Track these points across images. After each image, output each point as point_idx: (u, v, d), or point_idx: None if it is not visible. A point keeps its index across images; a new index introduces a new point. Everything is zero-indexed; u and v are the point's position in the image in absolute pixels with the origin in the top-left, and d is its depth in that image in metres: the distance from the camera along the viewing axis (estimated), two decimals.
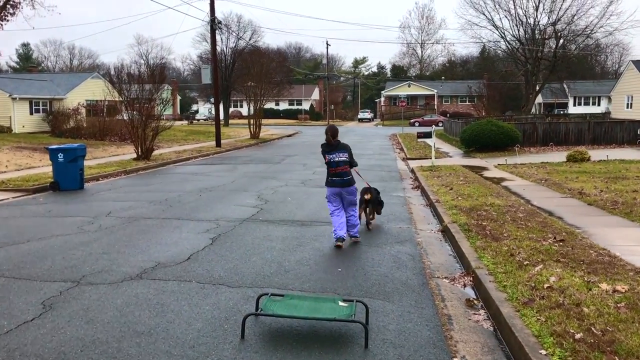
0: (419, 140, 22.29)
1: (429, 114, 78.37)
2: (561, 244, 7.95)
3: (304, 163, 23.25)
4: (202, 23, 76.61)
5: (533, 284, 6.00)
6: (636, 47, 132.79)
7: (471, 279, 6.90)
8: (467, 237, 8.75)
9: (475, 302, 6.15)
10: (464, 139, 28.66)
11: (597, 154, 23.38)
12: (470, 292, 6.59)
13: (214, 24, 32.35)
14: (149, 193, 14.45)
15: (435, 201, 12.65)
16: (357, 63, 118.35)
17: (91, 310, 5.65)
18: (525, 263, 6.91)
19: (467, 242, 8.37)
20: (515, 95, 66.23)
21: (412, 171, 20.60)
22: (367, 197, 9.83)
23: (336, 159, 8.63)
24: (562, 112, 70.06)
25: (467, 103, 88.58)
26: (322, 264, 7.49)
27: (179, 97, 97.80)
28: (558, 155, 25.12)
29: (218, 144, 32.61)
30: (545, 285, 5.90)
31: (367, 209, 9.96)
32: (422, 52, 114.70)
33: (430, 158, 26.14)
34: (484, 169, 20.86)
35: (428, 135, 21.33)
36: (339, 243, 8.54)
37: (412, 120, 71.19)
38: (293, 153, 28.80)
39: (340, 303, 5.20)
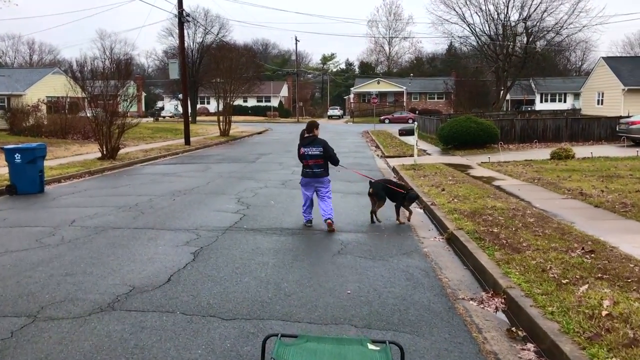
0: (401, 137, 21.36)
1: (398, 110, 77.83)
2: (592, 255, 7.06)
3: (280, 162, 22.13)
4: (169, 16, 74.57)
5: (587, 311, 5.05)
6: (599, 44, 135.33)
7: (502, 300, 5.94)
8: (482, 247, 7.80)
9: (518, 332, 5.18)
10: (442, 135, 27.91)
11: (578, 151, 22.84)
12: (504, 317, 5.64)
13: (182, 17, 30.91)
14: (116, 197, 13.16)
15: (431, 204, 11.72)
16: (325, 59, 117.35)
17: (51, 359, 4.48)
18: (563, 281, 5.99)
19: (485, 254, 7.43)
20: (483, 92, 66.20)
21: (394, 170, 19.71)
22: (370, 191, 10.40)
23: (309, 153, 9.50)
24: (530, 109, 70.29)
25: (436, 100, 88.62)
26: (326, 284, 6.43)
27: (144, 94, 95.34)
28: (539, 153, 24.55)
29: (187, 142, 31.22)
30: (603, 313, 4.96)
31: (376, 202, 10.38)
32: (389, 49, 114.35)
33: (409, 156, 25.36)
34: (468, 167, 20.09)
35: (410, 132, 20.45)
36: (308, 224, 9.81)
37: (382, 117, 70.56)
38: (267, 151, 27.62)
39: (370, 346, 4.15)
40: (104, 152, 22.43)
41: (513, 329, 5.26)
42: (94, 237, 8.79)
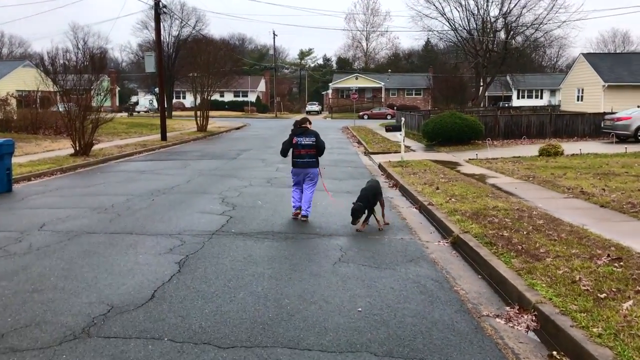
0: (388, 133, 20.70)
1: (377, 106, 77.33)
2: (620, 263, 6.43)
3: (263, 158, 21.30)
4: (144, 8, 72.84)
5: None
6: (576, 41, 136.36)
7: (533, 318, 5.27)
8: (495, 253, 7.14)
9: (563, 359, 4.50)
10: (427, 132, 27.37)
11: (565, 147, 22.41)
12: (537, 338, 4.97)
13: (159, 8, 29.80)
14: (91, 197, 12.24)
15: (428, 204, 11.04)
16: (303, 55, 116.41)
17: None
18: (600, 295, 5.34)
19: (501, 262, 6.76)
20: (461, 88, 65.98)
21: (381, 167, 19.06)
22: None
23: (302, 142, 9.81)
24: (507, 105, 70.38)
25: (414, 96, 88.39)
26: (332, 299, 5.68)
27: (118, 88, 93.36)
28: (526, 149, 24.13)
29: (164, 138, 30.17)
30: None
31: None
32: (367, 44, 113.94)
33: (394, 152, 24.77)
34: (457, 164, 19.52)
35: (397, 128, 19.82)
36: (296, 211, 9.86)
37: (361, 113, 69.90)
38: (247, 147, 26.74)
39: None
40: (77, 149, 21.36)
41: (555, 354, 4.58)
42: (67, 243, 7.91)
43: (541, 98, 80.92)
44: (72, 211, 10.45)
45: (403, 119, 20.95)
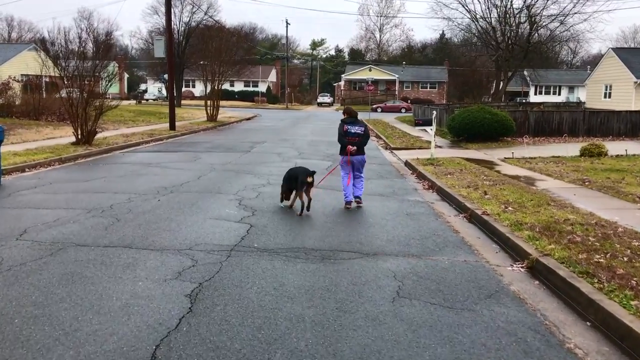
0: (408, 127, 18.96)
1: (390, 99, 75.35)
2: None
3: (278, 152, 19.62)
4: None
5: None
6: (600, 35, 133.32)
7: None
8: (602, 289, 5.45)
9: None
10: (453, 127, 25.58)
11: (608, 147, 20.56)
12: None
13: None
14: (87, 195, 10.59)
15: (482, 213, 9.33)
16: (315, 45, 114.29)
17: None
18: None
19: (616, 304, 5.07)
20: (477, 83, 63.92)
21: (408, 165, 17.33)
22: (309, 180, 9.33)
23: (352, 130, 10.08)
24: (524, 101, 68.41)
25: (429, 89, 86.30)
26: None
27: (126, 76, 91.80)
28: (561, 148, 22.34)
29: (172, 127, 28.52)
30: None
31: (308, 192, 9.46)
32: (380, 36, 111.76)
33: (417, 148, 23.08)
34: (493, 163, 17.77)
35: (428, 122, 18.06)
36: (348, 206, 9.98)
37: (374, 106, 68.01)
38: (260, 139, 25.05)
39: None
40: (79, 137, 19.76)
41: None
42: (47, 261, 6.25)
43: (559, 94, 78.88)
44: (63, 212, 8.81)
45: (435, 112, 19.19)
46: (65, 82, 21.21)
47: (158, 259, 6.35)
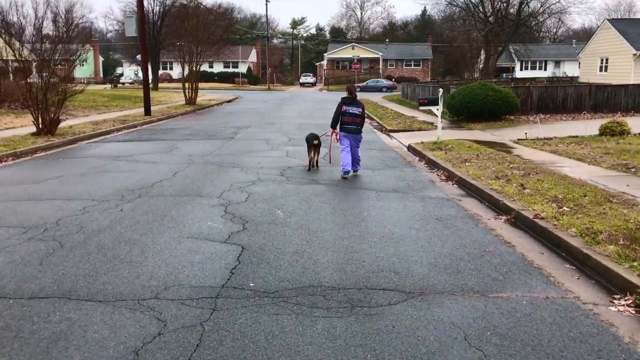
0: (421, 108, 16.88)
1: (373, 78, 72.99)
2: None
3: (266, 139, 17.48)
4: None
5: None
6: (593, 6, 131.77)
7: None
8: None
9: None
10: (452, 105, 23.57)
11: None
12: None
13: None
14: (32, 203, 8.41)
15: (533, 216, 7.35)
16: (295, 24, 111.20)
17: None
18: None
19: None
20: (463, 59, 61.77)
21: (413, 149, 15.36)
22: (315, 142, 11.29)
23: (350, 111, 10.77)
24: (510, 77, 66.58)
25: (413, 67, 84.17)
26: None
27: (101, 59, 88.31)
28: (571, 126, 20.49)
29: (147, 112, 26.12)
30: None
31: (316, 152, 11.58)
32: (361, 14, 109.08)
33: (417, 130, 21.12)
34: (506, 146, 15.84)
35: (434, 102, 15.99)
36: (345, 175, 10.70)
37: (359, 84, 65.77)
38: (244, 124, 22.83)
39: None
40: (40, 126, 17.45)
41: None
42: None
43: (545, 69, 77.27)
44: None
45: (441, 90, 17.09)
46: (24, 65, 18.81)
47: (106, 322, 4.21)
